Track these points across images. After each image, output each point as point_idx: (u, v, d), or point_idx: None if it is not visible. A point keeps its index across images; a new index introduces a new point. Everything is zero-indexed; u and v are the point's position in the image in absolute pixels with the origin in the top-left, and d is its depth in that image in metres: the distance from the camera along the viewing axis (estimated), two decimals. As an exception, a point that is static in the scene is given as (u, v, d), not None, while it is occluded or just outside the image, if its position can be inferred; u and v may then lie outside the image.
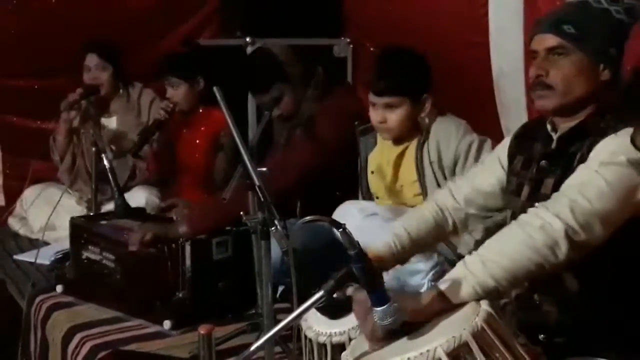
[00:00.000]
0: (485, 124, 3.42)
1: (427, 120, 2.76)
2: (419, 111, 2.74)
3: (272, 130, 3.27)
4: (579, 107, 1.98)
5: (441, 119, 2.77)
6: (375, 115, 2.77)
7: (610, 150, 1.79)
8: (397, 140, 2.84)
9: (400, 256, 2.12)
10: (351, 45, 4.35)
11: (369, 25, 4.20)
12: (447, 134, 2.71)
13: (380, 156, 2.92)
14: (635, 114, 1.80)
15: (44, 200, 3.95)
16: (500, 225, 2.15)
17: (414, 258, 2.26)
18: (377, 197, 2.91)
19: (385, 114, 2.74)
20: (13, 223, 4.17)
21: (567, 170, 1.93)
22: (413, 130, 2.79)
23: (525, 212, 2.00)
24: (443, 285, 1.77)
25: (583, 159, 1.88)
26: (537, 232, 1.74)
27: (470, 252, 1.82)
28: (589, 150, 1.88)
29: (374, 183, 2.93)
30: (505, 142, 2.23)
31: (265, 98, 3.10)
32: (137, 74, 4.13)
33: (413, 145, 2.78)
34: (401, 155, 2.83)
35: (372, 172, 2.93)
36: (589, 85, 1.96)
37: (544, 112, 2.06)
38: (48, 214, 3.48)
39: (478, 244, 1.93)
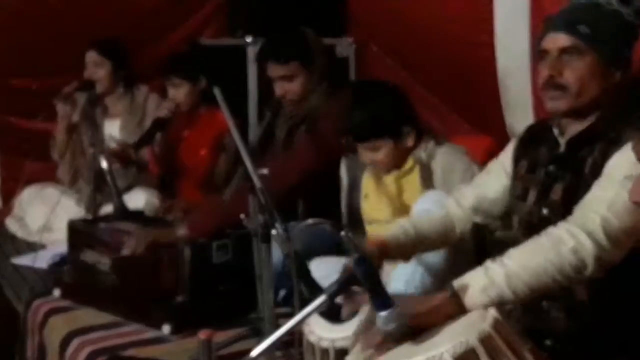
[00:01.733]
0: (490, 124, 3.41)
1: (427, 150, 2.67)
2: (404, 143, 2.66)
3: (274, 131, 3.24)
4: (590, 109, 1.96)
5: (443, 150, 2.67)
6: (362, 157, 2.71)
7: (632, 161, 1.76)
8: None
9: (404, 249, 2.11)
10: (354, 45, 4.33)
11: (372, 25, 4.19)
12: (450, 166, 2.63)
13: (376, 180, 2.77)
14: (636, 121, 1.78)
15: (42, 201, 3.91)
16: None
17: None
18: (370, 224, 2.78)
19: (371, 156, 2.68)
20: (10, 224, 4.12)
21: (577, 175, 1.91)
22: (405, 158, 2.69)
23: (532, 217, 1.99)
24: (459, 288, 1.76)
25: (596, 165, 1.87)
26: (569, 253, 1.75)
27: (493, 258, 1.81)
28: (602, 156, 1.87)
29: (368, 207, 2.80)
30: (509, 147, 2.22)
31: (279, 71, 3.09)
32: (139, 72, 4.11)
33: (415, 172, 2.67)
34: (400, 178, 2.71)
35: (366, 196, 2.80)
36: (601, 87, 1.94)
37: (555, 114, 2.03)
38: (46, 214, 3.45)
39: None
